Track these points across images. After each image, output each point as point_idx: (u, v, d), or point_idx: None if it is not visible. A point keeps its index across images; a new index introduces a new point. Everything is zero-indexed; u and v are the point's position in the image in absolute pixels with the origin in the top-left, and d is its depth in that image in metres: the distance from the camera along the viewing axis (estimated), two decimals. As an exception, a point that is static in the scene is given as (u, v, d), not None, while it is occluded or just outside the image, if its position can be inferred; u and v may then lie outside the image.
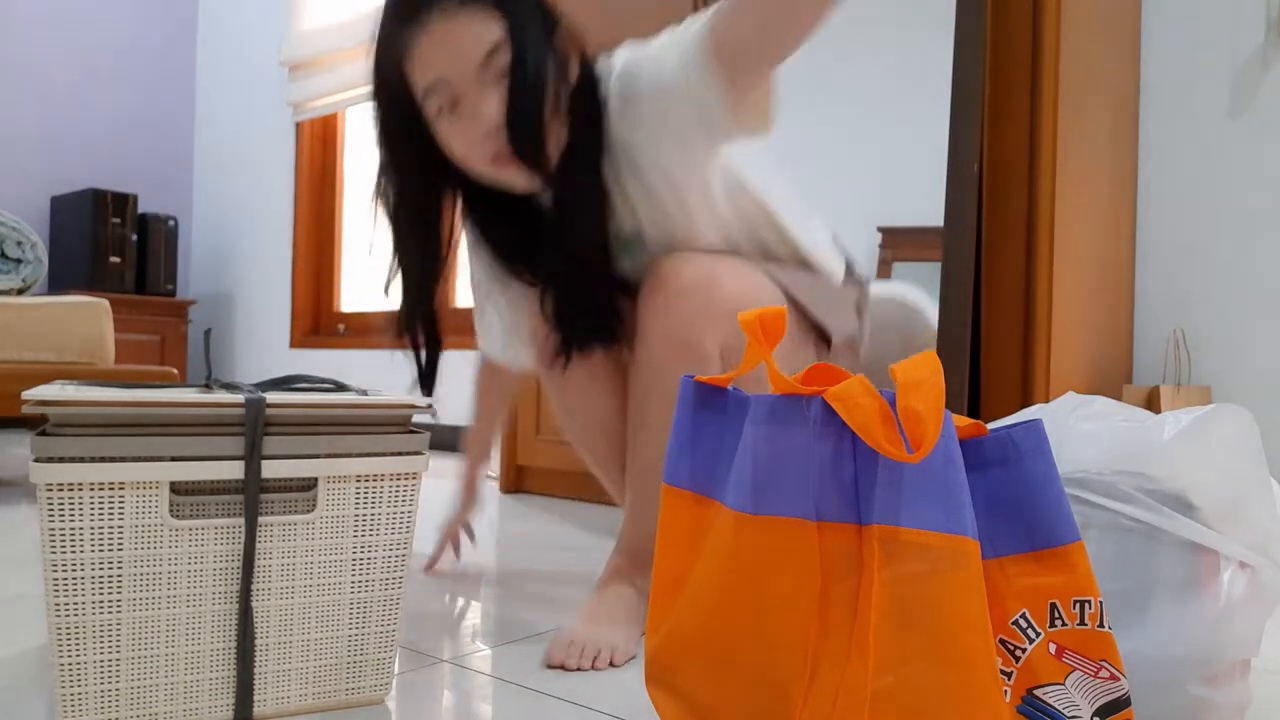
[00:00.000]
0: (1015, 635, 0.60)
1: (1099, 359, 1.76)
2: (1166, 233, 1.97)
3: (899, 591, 0.57)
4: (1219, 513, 0.73)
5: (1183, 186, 1.96)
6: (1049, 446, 0.60)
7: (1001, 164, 1.52)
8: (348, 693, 0.82)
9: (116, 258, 3.93)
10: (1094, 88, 1.71)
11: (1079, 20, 1.59)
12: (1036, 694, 0.60)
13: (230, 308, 4.44)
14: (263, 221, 4.26)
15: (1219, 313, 1.91)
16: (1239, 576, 0.72)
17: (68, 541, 0.70)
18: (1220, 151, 1.92)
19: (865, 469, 0.60)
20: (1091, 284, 1.71)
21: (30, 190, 4.06)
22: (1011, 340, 1.51)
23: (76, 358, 2.29)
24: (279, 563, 0.78)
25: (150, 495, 0.73)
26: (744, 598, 0.64)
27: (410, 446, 0.83)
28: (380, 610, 0.83)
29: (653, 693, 0.71)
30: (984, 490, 0.60)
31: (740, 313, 0.68)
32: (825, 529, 0.61)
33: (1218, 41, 1.92)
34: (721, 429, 0.69)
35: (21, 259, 2.51)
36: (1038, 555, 0.59)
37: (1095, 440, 0.76)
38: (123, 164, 4.33)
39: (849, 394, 0.59)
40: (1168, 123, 1.98)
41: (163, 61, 4.51)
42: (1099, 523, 0.74)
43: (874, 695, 0.57)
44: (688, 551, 0.69)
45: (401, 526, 0.83)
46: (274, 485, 0.77)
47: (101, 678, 0.73)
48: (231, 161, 4.46)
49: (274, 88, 4.17)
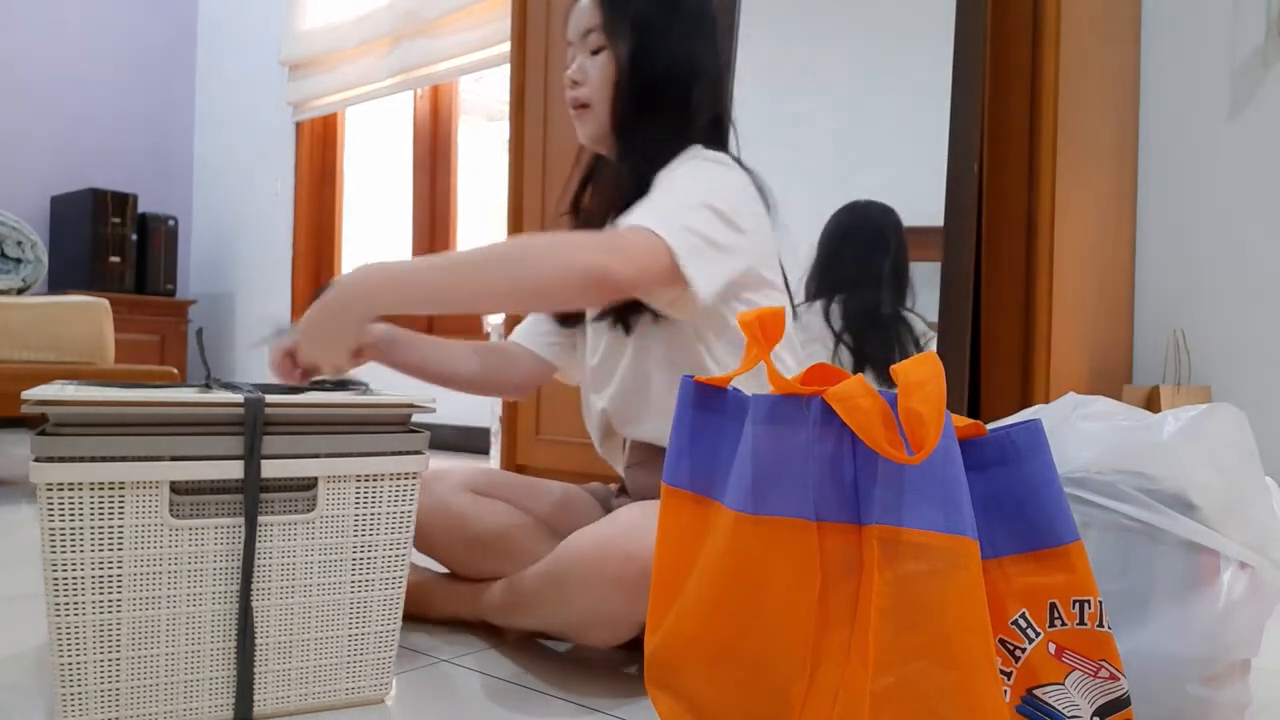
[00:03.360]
0: (1015, 635, 0.60)
1: (1099, 359, 1.76)
2: (1166, 233, 1.97)
3: (899, 591, 0.57)
4: (1219, 513, 0.73)
5: (1183, 186, 1.96)
6: (1048, 446, 0.60)
7: (1001, 164, 1.52)
8: (347, 693, 0.82)
9: (116, 258, 3.93)
10: (1094, 88, 1.71)
11: (1079, 20, 1.59)
12: (1036, 694, 0.60)
13: (230, 308, 4.44)
14: (263, 221, 4.26)
15: (1219, 313, 1.91)
16: (1239, 576, 0.72)
17: (68, 541, 0.70)
18: (1220, 151, 1.92)
19: (865, 469, 0.60)
20: (1091, 284, 1.71)
21: (30, 190, 4.06)
22: (1011, 340, 1.51)
23: (76, 358, 2.29)
24: (279, 562, 0.78)
25: (150, 495, 0.73)
26: (744, 598, 0.64)
27: (410, 446, 0.83)
28: (380, 610, 0.83)
29: (653, 692, 0.71)
30: (984, 490, 0.60)
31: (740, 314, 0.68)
32: (825, 529, 0.61)
33: (1218, 41, 1.92)
34: (721, 429, 0.69)
35: (21, 259, 2.51)
36: (1037, 555, 0.59)
37: (1095, 440, 0.76)
38: (123, 164, 4.33)
39: (849, 394, 0.59)
40: (1168, 123, 1.98)
41: (163, 61, 4.51)
42: (1099, 523, 0.74)
43: (874, 695, 0.57)
44: (687, 551, 0.69)
45: (401, 526, 0.83)
46: (274, 485, 0.77)
47: (101, 678, 0.73)
48: (231, 161, 4.46)
49: (274, 88, 4.17)
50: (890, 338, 1.53)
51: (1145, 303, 1.99)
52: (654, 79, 1.04)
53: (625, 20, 1.05)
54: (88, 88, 4.23)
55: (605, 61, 1.06)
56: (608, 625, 0.89)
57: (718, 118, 1.09)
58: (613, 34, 1.05)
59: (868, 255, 1.56)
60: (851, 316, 1.56)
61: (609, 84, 1.06)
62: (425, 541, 1.11)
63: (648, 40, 1.04)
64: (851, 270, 1.58)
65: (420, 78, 3.54)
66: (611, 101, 1.06)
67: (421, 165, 3.69)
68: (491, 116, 3.67)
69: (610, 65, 1.05)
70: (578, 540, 0.90)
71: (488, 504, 1.12)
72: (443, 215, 3.66)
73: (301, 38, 4.00)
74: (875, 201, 1.57)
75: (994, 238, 1.52)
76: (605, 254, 0.87)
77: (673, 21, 1.05)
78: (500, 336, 2.57)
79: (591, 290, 0.88)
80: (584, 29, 1.07)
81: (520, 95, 2.20)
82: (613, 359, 1.10)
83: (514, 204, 2.21)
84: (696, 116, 1.06)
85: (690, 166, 1.01)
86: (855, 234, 1.58)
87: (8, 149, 4.00)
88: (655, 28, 1.05)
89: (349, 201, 4.11)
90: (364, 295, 0.87)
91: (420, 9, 3.47)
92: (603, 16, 1.05)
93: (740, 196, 1.00)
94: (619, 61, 1.05)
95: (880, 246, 1.55)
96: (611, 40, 1.05)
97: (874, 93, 1.62)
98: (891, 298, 1.54)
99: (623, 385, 1.09)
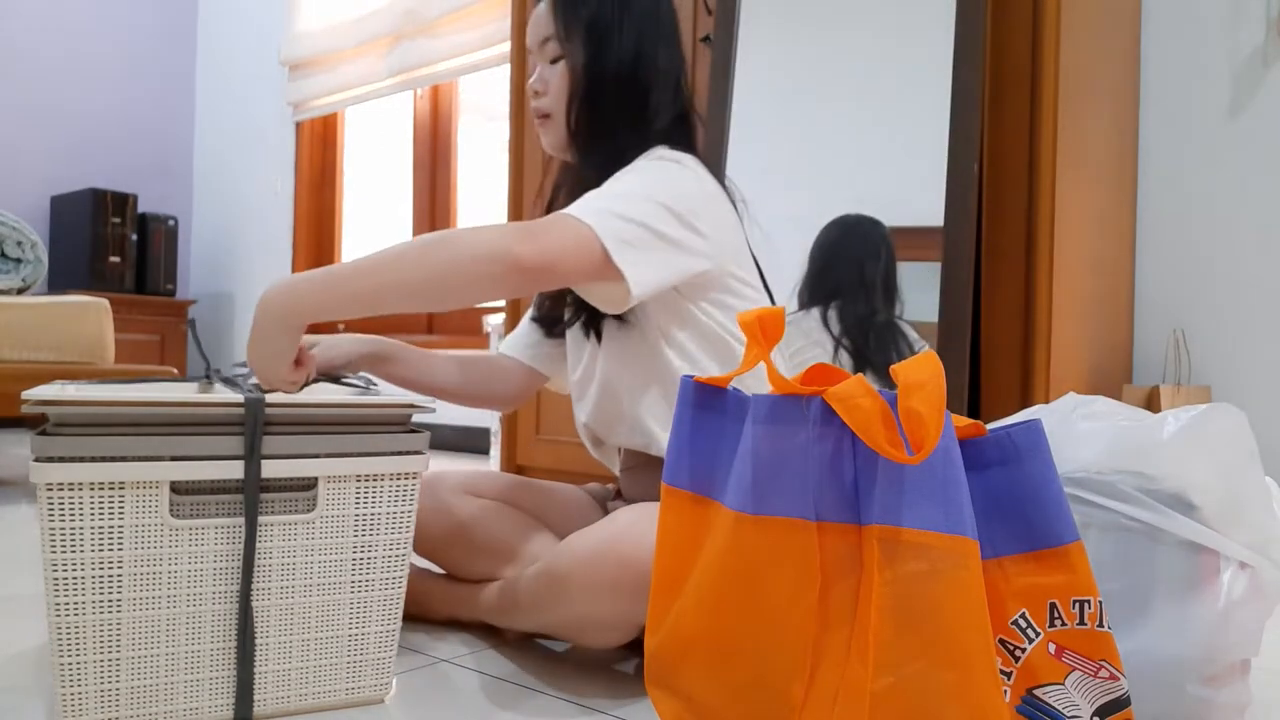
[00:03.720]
0: (1015, 635, 0.60)
1: (1099, 359, 1.76)
2: (1166, 233, 1.97)
3: (899, 591, 0.57)
4: (1219, 512, 0.73)
5: (1183, 186, 1.96)
6: (1048, 446, 0.60)
7: (1001, 164, 1.52)
8: (348, 693, 0.82)
9: (116, 257, 3.93)
10: (1094, 88, 1.71)
11: (1079, 20, 1.59)
12: (1036, 694, 0.60)
13: (230, 307, 4.44)
14: (263, 221, 4.26)
15: (1219, 313, 1.91)
16: (1239, 576, 0.72)
17: (68, 541, 0.70)
18: (1220, 151, 1.92)
19: (865, 469, 0.60)
20: (1091, 284, 1.71)
21: (30, 190, 4.06)
22: (1011, 340, 1.51)
23: (76, 358, 2.29)
24: (279, 562, 0.78)
25: (150, 495, 0.73)
26: (744, 598, 0.64)
27: (410, 446, 0.83)
28: (380, 610, 0.83)
29: (653, 692, 0.71)
30: (984, 490, 0.60)
31: (740, 314, 0.68)
32: (825, 529, 0.61)
33: (1218, 41, 1.92)
34: (721, 429, 0.69)
35: (21, 259, 2.51)
36: (1037, 555, 0.59)
37: (1095, 440, 0.76)
38: (123, 164, 4.33)
39: (849, 394, 0.59)
40: (1168, 123, 1.98)
41: (163, 61, 4.51)
42: (1099, 523, 0.74)
43: (874, 695, 0.57)
44: (687, 551, 0.69)
45: (401, 526, 0.83)
46: (274, 485, 0.77)
47: (101, 678, 0.73)
48: (231, 161, 4.46)
49: (274, 88, 4.17)
50: (888, 342, 1.54)
51: (1145, 303, 1.99)
52: (610, 83, 1.04)
53: (579, 26, 1.04)
54: (88, 88, 4.23)
55: (563, 70, 1.05)
56: (605, 627, 0.89)
57: (682, 116, 1.08)
58: (567, 41, 1.04)
59: (860, 265, 1.57)
60: (849, 322, 1.57)
61: (566, 92, 1.05)
62: (425, 544, 1.11)
63: (602, 45, 1.03)
64: (846, 279, 1.59)
65: (420, 78, 3.54)
66: (568, 109, 1.05)
67: (421, 165, 3.69)
68: (491, 116, 3.67)
69: (567, 73, 1.05)
70: (575, 542, 0.90)
71: (487, 506, 1.12)
72: (443, 215, 3.66)
73: (301, 38, 4.00)
74: (864, 215, 1.59)
75: (994, 238, 1.52)
76: (511, 238, 0.85)
77: (626, 24, 1.04)
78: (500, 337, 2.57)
79: (500, 277, 0.86)
80: (541, 37, 1.07)
81: (520, 95, 2.20)
82: (590, 369, 1.10)
83: (514, 204, 2.21)
84: (657, 118, 1.05)
85: (644, 164, 1.00)
86: (846, 246, 1.60)
87: (8, 149, 4.00)
88: (609, 32, 1.04)
89: (349, 201, 4.11)
90: (291, 307, 0.85)
91: (420, 9, 3.47)
92: (556, 24, 1.05)
93: (698, 195, 0.99)
94: (574, 69, 1.04)
95: (871, 257, 1.57)
96: (566, 47, 1.05)
97: (874, 93, 1.62)
98: (885, 306, 1.55)
99: (599, 396, 1.09)
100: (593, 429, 1.12)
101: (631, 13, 1.05)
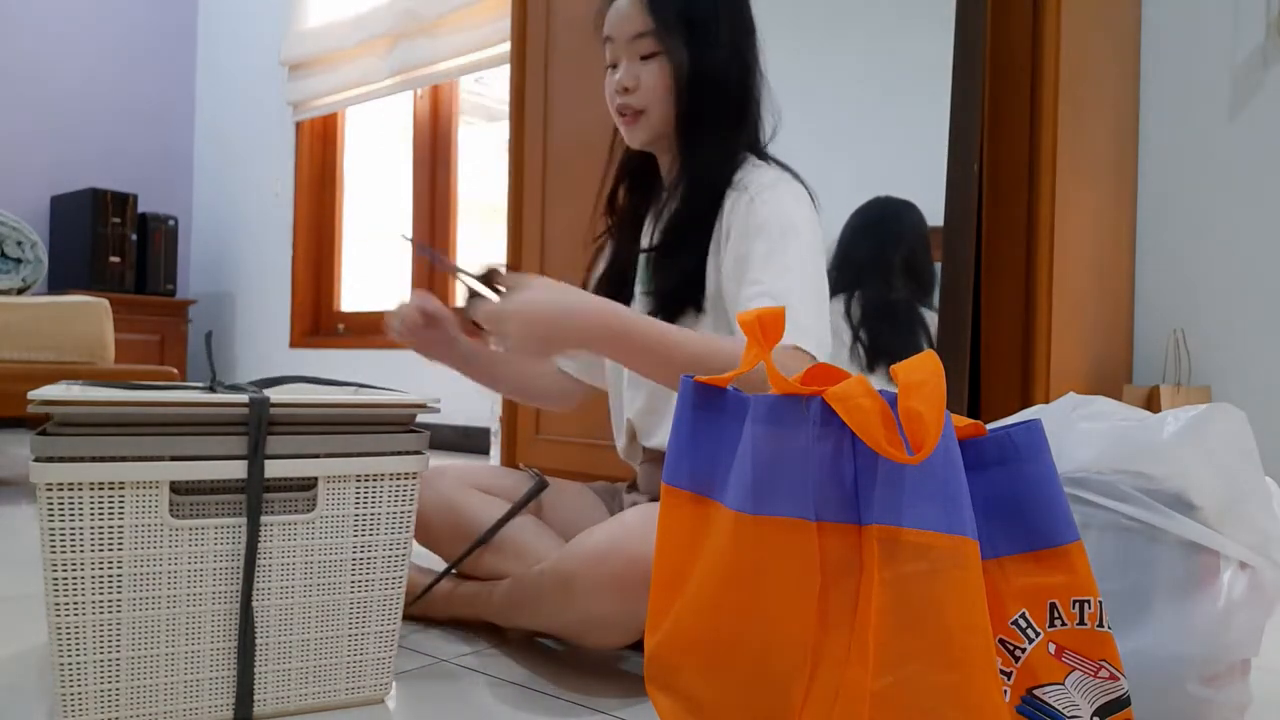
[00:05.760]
0: (1015, 635, 0.60)
1: (1099, 359, 1.76)
2: (1166, 233, 1.97)
3: (899, 591, 0.57)
4: (1219, 512, 0.73)
5: (1183, 186, 1.96)
6: (1048, 446, 0.60)
7: (1001, 164, 1.52)
8: (347, 693, 0.82)
9: (116, 257, 3.93)
10: (1094, 88, 1.71)
11: (1079, 20, 1.59)
12: (1036, 694, 0.60)
13: (230, 308, 4.44)
14: (263, 221, 4.26)
15: (1219, 313, 1.91)
16: (1239, 576, 0.72)
17: (68, 541, 0.70)
18: (1220, 151, 1.92)
19: (865, 469, 0.60)
20: (1091, 284, 1.71)
21: (30, 190, 4.06)
22: (1011, 340, 1.51)
23: (76, 357, 2.29)
24: (279, 562, 0.78)
25: (150, 495, 0.73)
26: (744, 598, 0.64)
27: (410, 446, 0.83)
28: (380, 610, 0.83)
29: (653, 692, 0.71)
30: (984, 490, 0.60)
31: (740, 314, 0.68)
32: (825, 529, 0.61)
33: (1218, 41, 1.92)
34: (721, 429, 0.69)
35: (21, 259, 2.51)
36: (1037, 555, 0.59)
37: (1095, 440, 0.76)
38: (123, 164, 4.33)
39: (849, 394, 0.59)
40: (1168, 123, 1.98)
41: (163, 61, 4.51)
42: (1099, 523, 0.74)
43: (874, 695, 0.57)
44: (687, 551, 0.69)
45: (401, 526, 0.83)
46: (274, 485, 0.77)
47: (101, 678, 0.73)
48: (231, 161, 4.46)
49: (274, 88, 4.17)
50: (906, 333, 1.53)
51: (1145, 303, 1.99)
52: (715, 84, 1.03)
53: (680, 25, 1.03)
54: (88, 88, 4.23)
55: (660, 67, 1.04)
56: (610, 627, 0.89)
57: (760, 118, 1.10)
58: (667, 40, 1.03)
59: (882, 249, 1.56)
60: (869, 311, 1.56)
61: (666, 90, 1.04)
62: (428, 537, 1.11)
63: (704, 45, 1.03)
64: (868, 264, 1.58)
65: (420, 78, 3.54)
66: (671, 108, 1.04)
67: (421, 165, 3.69)
68: (491, 116, 3.67)
69: (667, 71, 1.04)
70: (583, 542, 0.90)
71: (492, 502, 1.12)
72: (443, 215, 3.66)
73: (301, 37, 4.00)
74: (896, 198, 1.57)
75: (994, 238, 1.52)
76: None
77: (724, 23, 1.04)
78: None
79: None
80: (632, 33, 1.04)
81: (520, 95, 2.20)
82: None
83: (514, 204, 2.20)
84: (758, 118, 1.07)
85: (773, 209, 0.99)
86: (872, 229, 1.58)
87: (8, 149, 4.00)
88: (710, 32, 1.03)
89: (349, 201, 4.11)
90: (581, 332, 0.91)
91: (420, 9, 3.47)
92: (655, 22, 1.03)
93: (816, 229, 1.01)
94: (678, 67, 1.03)
95: (895, 241, 1.55)
96: (666, 46, 1.03)
97: (874, 93, 1.62)
98: (908, 292, 1.53)
99: (651, 398, 1.10)
100: (636, 424, 1.13)
101: (731, 14, 1.06)
